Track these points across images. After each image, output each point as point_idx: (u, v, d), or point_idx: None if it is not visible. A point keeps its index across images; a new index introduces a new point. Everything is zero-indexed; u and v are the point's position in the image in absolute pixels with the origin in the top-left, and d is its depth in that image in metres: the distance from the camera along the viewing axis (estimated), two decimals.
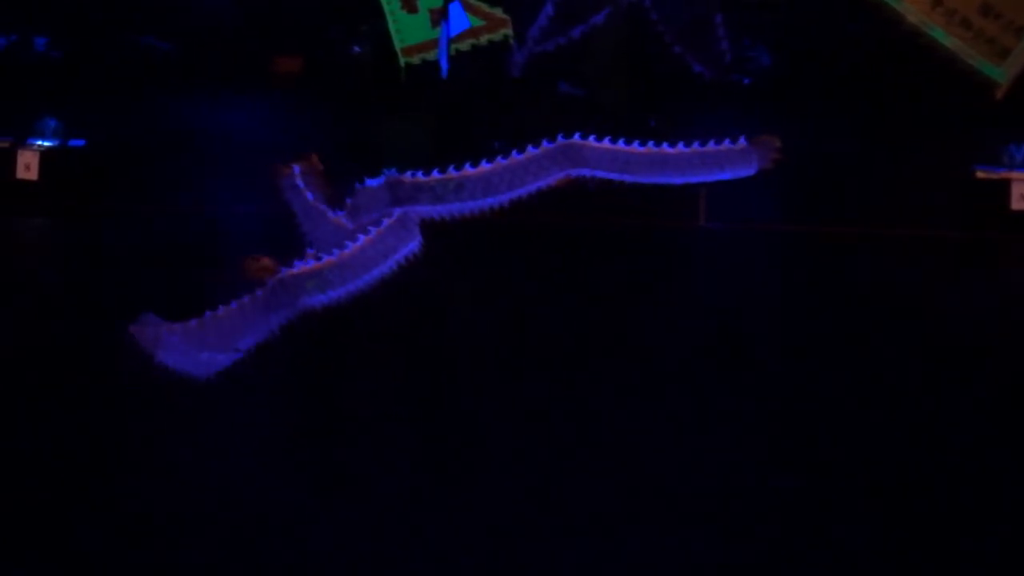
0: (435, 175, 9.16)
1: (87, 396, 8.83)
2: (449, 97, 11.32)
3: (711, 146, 9.24)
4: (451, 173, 9.05)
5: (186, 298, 9.63)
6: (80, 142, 11.33)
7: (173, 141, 11.39)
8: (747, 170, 9.34)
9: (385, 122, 11.47)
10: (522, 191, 9.29)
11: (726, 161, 9.22)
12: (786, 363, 9.37)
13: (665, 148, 9.18)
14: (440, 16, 11.15)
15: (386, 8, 11.63)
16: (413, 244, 9.17)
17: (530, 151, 9.05)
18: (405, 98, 11.55)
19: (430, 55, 11.38)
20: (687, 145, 9.21)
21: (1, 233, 10.67)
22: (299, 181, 9.15)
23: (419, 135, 11.39)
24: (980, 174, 11.78)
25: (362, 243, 8.95)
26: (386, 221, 9.10)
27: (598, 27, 11.70)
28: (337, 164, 10.37)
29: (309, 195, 9.21)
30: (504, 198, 9.22)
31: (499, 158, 8.99)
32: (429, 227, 9.76)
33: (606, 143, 9.10)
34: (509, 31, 11.60)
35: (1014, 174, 11.69)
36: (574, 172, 9.15)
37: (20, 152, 11.14)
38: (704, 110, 11.64)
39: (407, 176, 9.18)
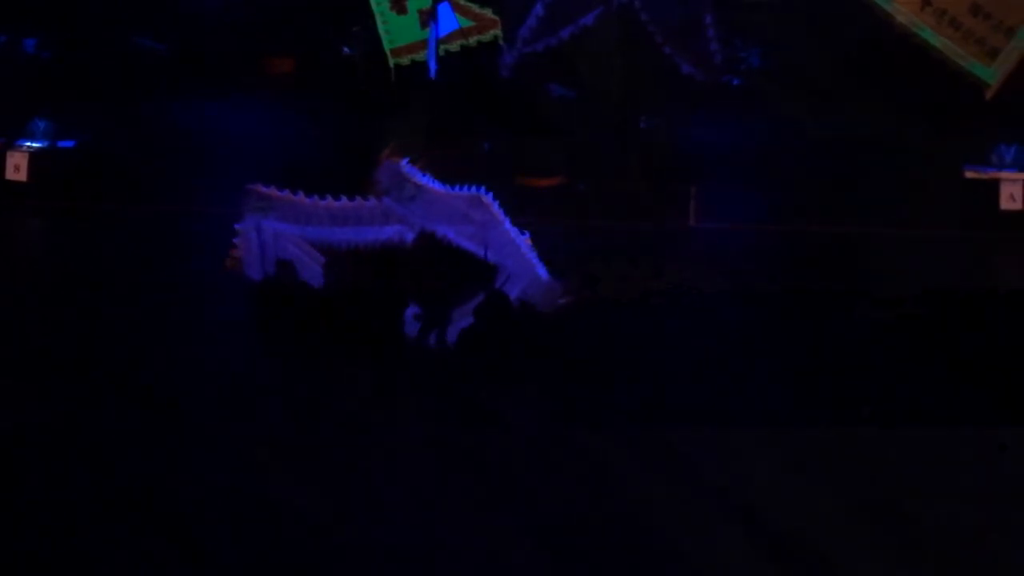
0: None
1: (78, 392, 8.84)
2: (438, 97, 11.31)
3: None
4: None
5: (177, 296, 9.68)
6: (69, 143, 11.32)
7: (163, 142, 11.38)
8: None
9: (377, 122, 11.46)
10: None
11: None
12: (777, 361, 9.38)
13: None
14: (429, 17, 11.16)
15: (375, 9, 11.64)
16: None
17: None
18: (395, 98, 11.56)
19: (419, 56, 11.38)
20: None
21: None
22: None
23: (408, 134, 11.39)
24: (970, 174, 11.78)
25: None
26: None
27: (588, 28, 11.70)
28: (330, 162, 10.44)
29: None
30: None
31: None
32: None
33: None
34: (499, 32, 11.61)
35: (1003, 174, 11.69)
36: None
37: (9, 153, 11.15)
38: (694, 110, 11.67)
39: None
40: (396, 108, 11.37)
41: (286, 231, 9.07)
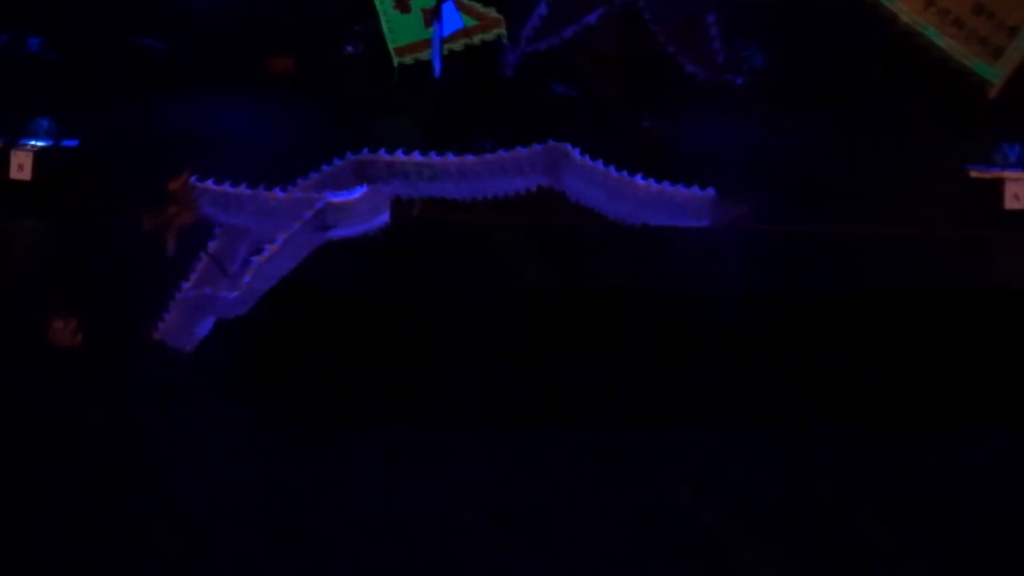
0: (415, 158, 9.18)
1: (81, 394, 8.84)
2: (442, 97, 11.30)
3: (680, 189, 9.23)
4: (432, 159, 9.07)
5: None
6: (73, 142, 11.31)
7: (167, 141, 11.37)
8: (700, 220, 9.33)
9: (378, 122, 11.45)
10: (497, 190, 9.29)
11: (686, 206, 9.20)
12: (789, 360, 9.38)
13: (637, 181, 9.17)
14: (433, 16, 11.16)
15: (379, 8, 11.63)
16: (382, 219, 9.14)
17: (516, 151, 9.05)
18: (398, 98, 11.55)
19: (423, 55, 11.38)
20: (657, 182, 9.20)
21: None
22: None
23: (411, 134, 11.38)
24: (973, 174, 11.77)
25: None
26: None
27: (591, 27, 11.69)
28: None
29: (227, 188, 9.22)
30: (478, 193, 9.23)
31: (483, 154, 8.99)
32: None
33: (587, 160, 9.08)
34: (503, 30, 11.59)
35: (1007, 174, 11.68)
36: (554, 184, 9.15)
37: (13, 152, 11.11)
38: (698, 110, 11.65)
39: (381, 156, 9.22)
40: (399, 107, 11.39)
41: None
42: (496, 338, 9.21)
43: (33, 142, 11.23)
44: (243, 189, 9.29)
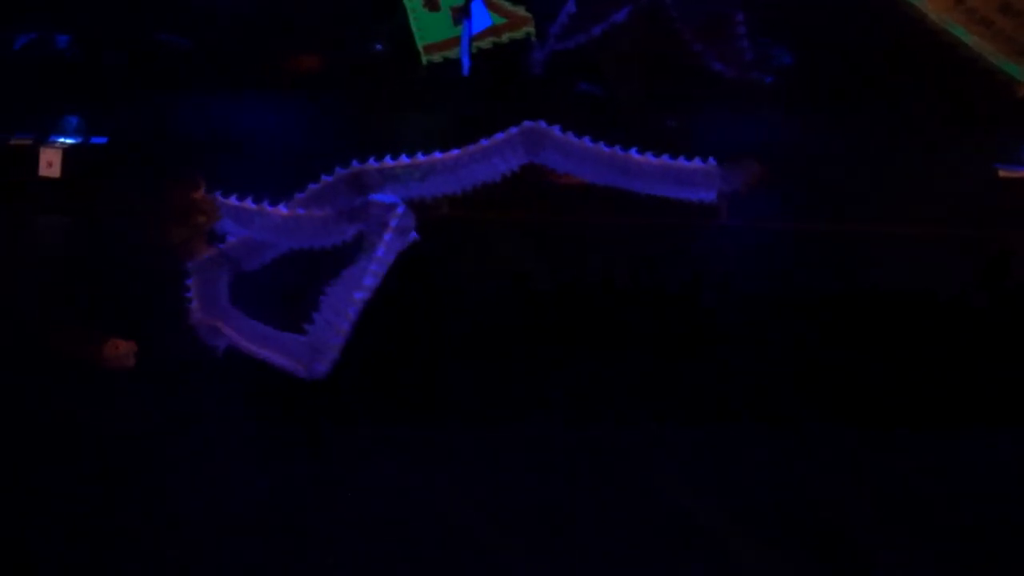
0: (403, 161, 9.22)
1: (113, 390, 8.87)
2: (470, 95, 11.33)
3: (680, 162, 9.23)
4: (418, 159, 9.11)
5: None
6: (102, 139, 11.34)
7: (194, 139, 11.40)
8: (708, 192, 9.32)
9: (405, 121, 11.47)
10: (484, 177, 9.32)
11: (688, 180, 9.19)
12: (804, 359, 9.38)
13: (632, 155, 9.18)
14: (462, 14, 11.18)
15: (408, 6, 11.66)
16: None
17: (495, 137, 9.10)
18: (426, 96, 11.57)
19: (452, 53, 11.40)
20: (655, 156, 9.21)
21: (24, 230, 10.68)
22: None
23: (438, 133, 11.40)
24: (1002, 173, 11.75)
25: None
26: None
27: (619, 25, 11.70)
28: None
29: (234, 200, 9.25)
30: (467, 185, 9.26)
31: (465, 146, 9.04)
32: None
33: (569, 136, 9.12)
34: (531, 29, 11.61)
35: None
36: (535, 160, 9.19)
37: (42, 150, 11.14)
38: (724, 109, 11.65)
39: (372, 164, 9.24)
40: (428, 105, 11.42)
41: None
42: (495, 338, 9.25)
43: (62, 139, 11.26)
44: (248, 203, 9.28)
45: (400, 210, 8.88)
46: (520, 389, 9.06)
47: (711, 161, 9.19)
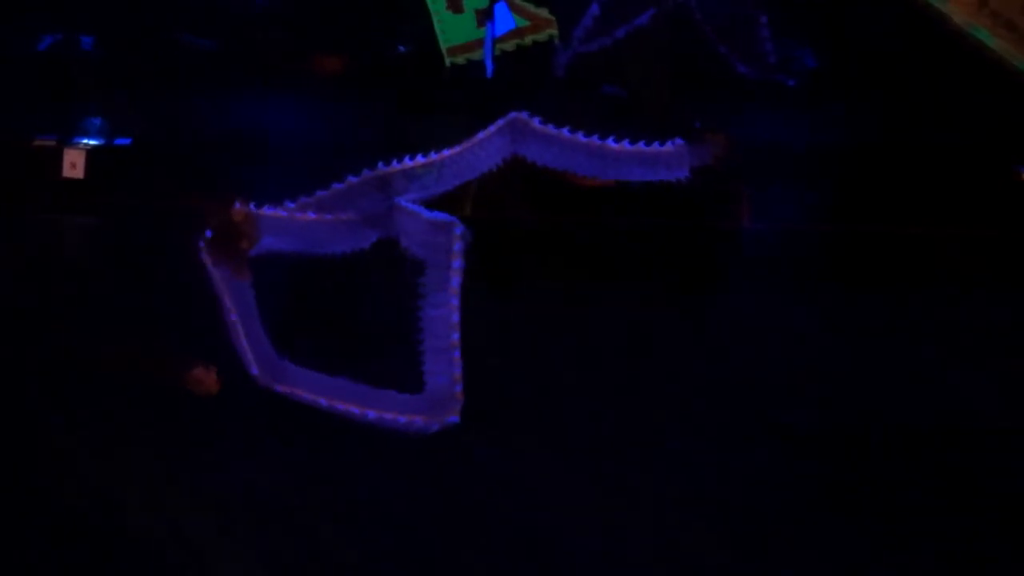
0: (419, 160, 9.25)
1: (137, 395, 8.90)
2: (494, 97, 11.31)
3: (654, 147, 9.35)
4: (432, 157, 9.15)
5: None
6: (126, 140, 11.35)
7: (218, 139, 11.41)
8: (680, 172, 9.47)
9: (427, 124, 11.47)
10: (478, 170, 9.39)
11: (659, 161, 9.30)
12: (828, 366, 9.40)
13: (609, 144, 9.30)
14: (485, 16, 11.17)
15: (431, 8, 11.65)
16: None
17: (487, 129, 9.18)
18: (448, 99, 11.57)
19: (475, 55, 11.39)
20: (631, 144, 9.32)
21: (48, 232, 10.70)
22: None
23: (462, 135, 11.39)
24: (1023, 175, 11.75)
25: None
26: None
27: (643, 28, 11.69)
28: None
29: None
30: (469, 178, 9.31)
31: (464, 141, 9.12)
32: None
33: (549, 128, 9.21)
34: (555, 31, 11.60)
35: None
36: (519, 151, 9.28)
37: (66, 151, 11.15)
38: (749, 111, 11.64)
39: (395, 166, 9.26)
40: (451, 107, 11.41)
41: None
42: (495, 337, 9.28)
43: (86, 140, 11.27)
44: (280, 212, 9.29)
45: (459, 230, 8.89)
46: (518, 389, 9.07)
47: (678, 141, 9.31)
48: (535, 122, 9.21)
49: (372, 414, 8.38)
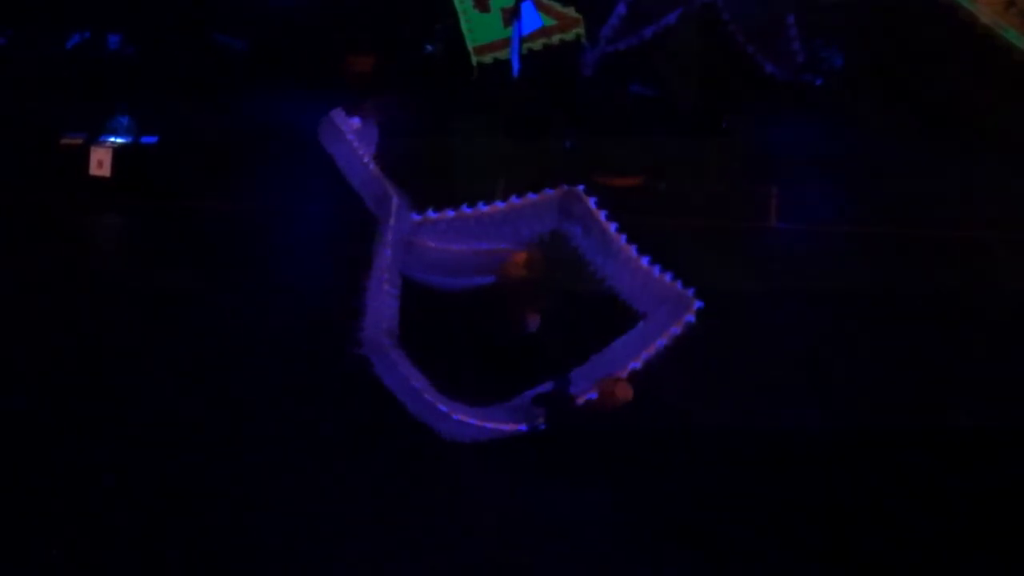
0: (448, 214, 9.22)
1: (163, 389, 8.88)
2: (521, 96, 11.33)
3: (664, 277, 9.20)
4: (464, 211, 9.12)
5: (258, 292, 9.70)
6: (152, 139, 11.37)
7: (244, 138, 11.43)
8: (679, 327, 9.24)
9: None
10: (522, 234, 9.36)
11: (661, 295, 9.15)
12: (858, 361, 9.35)
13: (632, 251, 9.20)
14: (512, 15, 11.20)
15: (459, 7, 11.68)
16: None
17: (528, 197, 9.13)
18: (477, 98, 11.59)
19: (502, 54, 11.41)
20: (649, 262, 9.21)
21: (75, 229, 10.72)
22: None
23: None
24: None
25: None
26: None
27: (671, 27, 11.70)
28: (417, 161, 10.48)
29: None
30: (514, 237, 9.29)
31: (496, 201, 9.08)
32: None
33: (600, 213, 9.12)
34: (582, 30, 11.62)
35: None
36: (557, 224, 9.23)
37: (93, 149, 11.17)
38: (776, 110, 11.64)
39: (430, 215, 9.24)
40: (479, 106, 11.43)
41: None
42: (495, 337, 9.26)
43: (113, 139, 11.29)
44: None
45: (690, 292, 8.90)
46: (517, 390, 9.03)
47: (689, 291, 9.13)
48: (589, 201, 9.11)
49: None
